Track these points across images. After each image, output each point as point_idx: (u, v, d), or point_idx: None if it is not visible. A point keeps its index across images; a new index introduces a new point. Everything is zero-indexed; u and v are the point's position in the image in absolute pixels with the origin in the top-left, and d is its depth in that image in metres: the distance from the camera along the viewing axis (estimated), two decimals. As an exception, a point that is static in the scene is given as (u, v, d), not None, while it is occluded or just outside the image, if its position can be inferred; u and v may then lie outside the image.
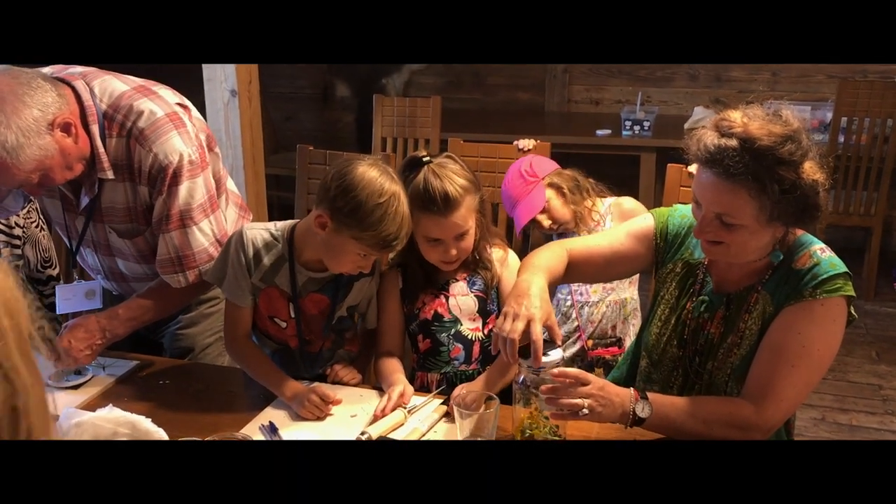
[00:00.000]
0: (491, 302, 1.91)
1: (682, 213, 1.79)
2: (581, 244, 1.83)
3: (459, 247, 1.80)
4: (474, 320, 1.90)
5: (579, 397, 1.49)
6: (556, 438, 1.58)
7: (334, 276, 1.83)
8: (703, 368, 1.70)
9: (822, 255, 1.61)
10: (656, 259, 1.81)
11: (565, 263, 1.76)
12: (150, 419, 1.55)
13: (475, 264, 1.90)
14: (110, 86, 1.85)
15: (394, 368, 1.84)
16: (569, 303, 2.48)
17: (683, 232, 1.78)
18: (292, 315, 1.87)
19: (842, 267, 1.59)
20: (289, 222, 1.87)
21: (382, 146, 4.26)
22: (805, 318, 1.56)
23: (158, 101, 1.86)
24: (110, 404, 1.57)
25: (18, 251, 2.32)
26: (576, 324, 2.46)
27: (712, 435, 1.56)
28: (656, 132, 4.35)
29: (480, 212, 1.84)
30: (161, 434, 1.55)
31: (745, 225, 1.53)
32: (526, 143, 2.73)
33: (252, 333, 1.92)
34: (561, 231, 2.49)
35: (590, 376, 1.53)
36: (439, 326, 1.88)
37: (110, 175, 1.83)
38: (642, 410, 1.53)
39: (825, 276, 1.56)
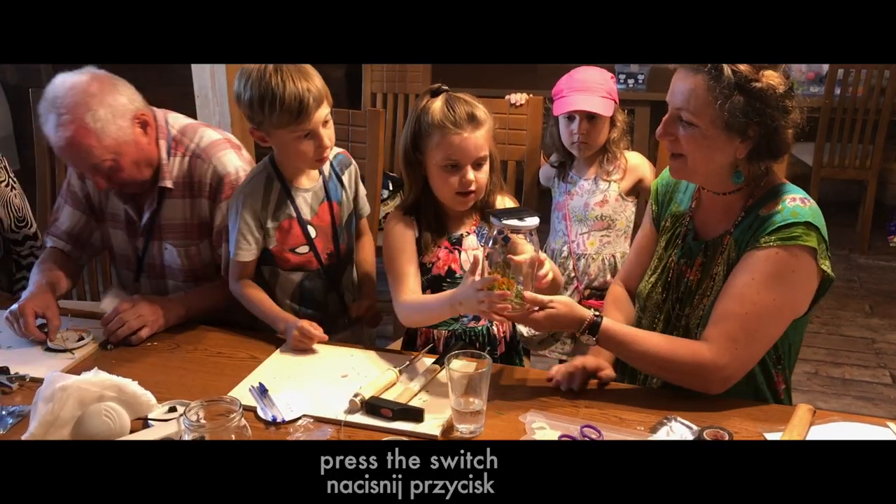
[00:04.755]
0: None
1: (666, 174, 1.85)
2: (621, 272, 2.00)
3: (476, 176, 1.77)
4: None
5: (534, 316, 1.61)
6: (518, 302, 1.59)
7: (320, 179, 1.97)
8: (682, 313, 1.73)
9: (790, 203, 1.57)
10: (658, 224, 1.86)
11: (626, 295, 1.92)
12: (136, 382, 1.53)
13: (484, 209, 1.86)
14: (182, 120, 2.07)
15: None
16: (565, 254, 2.46)
17: (671, 189, 1.83)
18: (311, 235, 1.97)
19: (805, 216, 1.54)
20: (259, 164, 1.96)
21: (372, 101, 4.19)
22: (760, 265, 1.55)
23: (220, 132, 2.09)
24: (96, 367, 1.54)
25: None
26: (572, 275, 2.44)
27: (669, 378, 1.64)
28: (650, 85, 4.30)
29: (494, 148, 1.82)
30: (148, 397, 1.53)
31: (700, 126, 1.55)
32: (518, 97, 2.68)
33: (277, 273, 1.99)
34: (580, 154, 2.43)
35: (550, 303, 1.60)
36: (451, 283, 1.84)
37: (169, 184, 1.98)
38: (588, 340, 1.66)
39: (782, 223, 1.55)
